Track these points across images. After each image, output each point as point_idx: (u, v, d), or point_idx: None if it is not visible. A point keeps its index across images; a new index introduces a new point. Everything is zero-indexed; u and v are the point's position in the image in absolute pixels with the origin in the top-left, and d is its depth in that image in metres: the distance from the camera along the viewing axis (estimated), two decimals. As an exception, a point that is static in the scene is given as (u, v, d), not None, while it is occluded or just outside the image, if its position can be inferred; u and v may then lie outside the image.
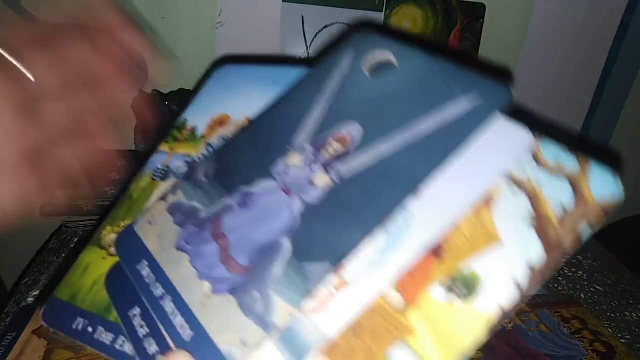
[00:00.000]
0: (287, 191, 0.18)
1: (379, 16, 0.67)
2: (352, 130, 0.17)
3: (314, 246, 0.16)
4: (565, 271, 0.49)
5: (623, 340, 0.40)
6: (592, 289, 0.47)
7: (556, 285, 0.47)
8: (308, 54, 0.67)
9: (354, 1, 0.66)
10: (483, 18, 0.68)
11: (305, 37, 0.67)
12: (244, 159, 0.20)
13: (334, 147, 0.18)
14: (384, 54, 0.18)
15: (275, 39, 0.67)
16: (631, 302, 0.45)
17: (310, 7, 0.65)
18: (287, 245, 0.16)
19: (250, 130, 0.21)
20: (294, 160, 0.18)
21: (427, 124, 0.16)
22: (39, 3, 0.67)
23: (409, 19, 0.67)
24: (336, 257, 0.15)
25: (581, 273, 0.49)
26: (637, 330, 0.42)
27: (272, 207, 0.18)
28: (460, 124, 0.15)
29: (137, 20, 0.27)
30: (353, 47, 0.19)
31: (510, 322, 0.39)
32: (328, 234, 0.16)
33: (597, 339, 0.38)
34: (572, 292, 0.46)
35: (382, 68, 0.18)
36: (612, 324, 0.42)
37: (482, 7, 0.68)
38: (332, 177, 0.17)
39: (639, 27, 0.70)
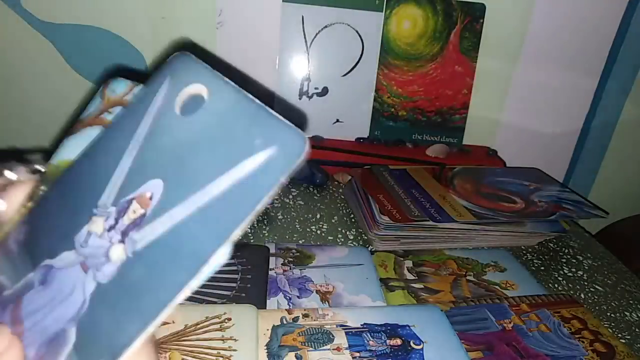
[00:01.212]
0: (84, 266, 0.17)
1: (379, 16, 0.67)
2: (154, 188, 0.16)
3: (95, 339, 0.15)
4: (565, 271, 0.49)
5: (623, 340, 0.40)
6: (592, 289, 0.47)
7: (556, 285, 0.47)
8: (308, 53, 0.67)
9: (354, 1, 0.66)
10: (483, 18, 0.68)
11: (305, 37, 0.67)
12: (52, 221, 0.19)
13: (134, 209, 0.16)
14: (197, 87, 0.17)
15: (275, 39, 0.67)
16: (631, 302, 0.45)
17: (310, 7, 0.65)
18: (71, 335, 0.16)
19: (62, 183, 0.19)
20: (96, 227, 0.17)
21: (221, 184, 0.15)
22: (39, 3, 0.67)
23: (409, 18, 0.67)
24: (112, 355, 0.15)
25: (581, 273, 0.49)
26: (637, 330, 0.42)
27: (68, 286, 0.17)
28: (253, 182, 0.15)
29: None
30: (170, 78, 0.18)
31: (510, 322, 0.39)
32: (110, 323, 0.15)
33: (597, 339, 0.38)
34: (572, 292, 0.46)
35: (192, 103, 0.17)
36: (612, 324, 0.42)
37: (482, 7, 0.68)
38: (127, 249, 0.16)
39: (639, 27, 0.70)
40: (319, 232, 0.51)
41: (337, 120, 0.70)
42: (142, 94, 0.18)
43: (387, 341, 0.34)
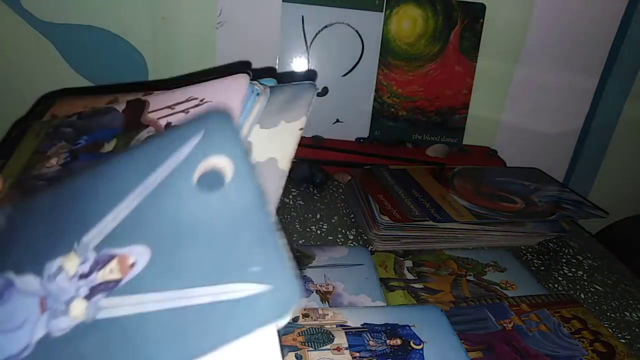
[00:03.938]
0: (43, 304, 0.14)
1: (379, 16, 0.67)
2: (139, 256, 0.14)
3: None
4: (565, 271, 0.49)
5: (623, 340, 0.40)
6: (592, 289, 0.47)
7: (556, 285, 0.47)
8: (308, 53, 0.67)
9: (354, 1, 0.66)
10: (483, 18, 0.68)
11: (305, 37, 0.67)
12: (34, 226, 0.16)
13: (112, 268, 0.14)
14: (223, 162, 0.15)
15: (275, 39, 0.67)
16: (631, 302, 0.45)
17: (310, 7, 0.65)
18: None
19: (63, 189, 0.17)
20: (70, 265, 0.15)
21: (202, 296, 0.13)
22: (39, 3, 0.67)
23: (409, 18, 0.67)
24: None
25: (581, 273, 0.49)
26: (637, 330, 0.42)
27: (19, 318, 0.15)
28: (232, 315, 0.14)
29: None
30: (203, 135, 0.16)
31: (510, 322, 0.39)
32: None
33: (597, 339, 0.38)
34: (572, 292, 0.46)
35: (211, 178, 0.15)
36: (612, 324, 0.42)
37: (482, 7, 0.68)
38: (88, 311, 0.14)
39: (639, 27, 0.70)
40: (319, 232, 0.51)
41: (337, 120, 0.70)
42: (169, 137, 0.17)
43: (387, 341, 0.34)
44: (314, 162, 0.63)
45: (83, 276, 0.15)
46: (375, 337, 0.35)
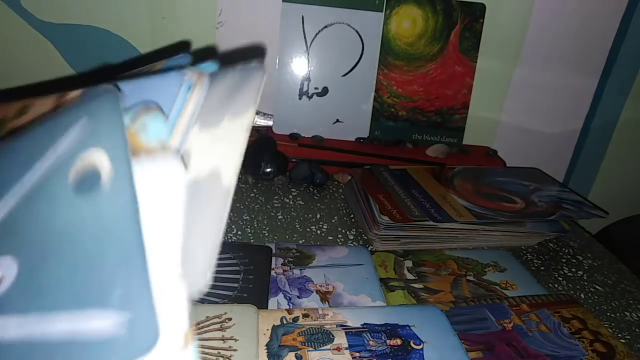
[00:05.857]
0: None
1: (379, 16, 0.67)
2: (7, 271, 0.13)
3: None
4: (565, 271, 0.49)
5: (623, 340, 0.40)
6: (592, 289, 0.47)
7: (556, 285, 0.47)
8: (308, 53, 0.67)
9: (354, 1, 0.66)
10: (483, 18, 0.68)
11: (305, 37, 0.67)
12: None
13: None
14: (99, 159, 0.13)
15: (275, 39, 0.67)
16: (631, 302, 0.45)
17: (310, 7, 0.65)
18: None
19: None
20: None
21: (60, 323, 0.12)
22: (39, 3, 0.67)
23: (409, 19, 0.67)
24: None
25: (581, 273, 0.49)
26: (637, 330, 0.42)
27: None
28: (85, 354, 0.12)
29: None
30: (85, 123, 0.13)
31: (510, 322, 0.39)
32: None
33: (597, 339, 0.38)
34: (572, 292, 0.46)
35: (88, 178, 0.13)
36: (612, 324, 0.42)
37: (482, 7, 0.68)
38: None
39: (639, 27, 0.70)
40: (319, 232, 0.51)
41: (337, 120, 0.70)
42: (50, 124, 0.14)
43: (387, 341, 0.34)
44: (314, 162, 0.63)
45: None
46: (375, 337, 0.35)
